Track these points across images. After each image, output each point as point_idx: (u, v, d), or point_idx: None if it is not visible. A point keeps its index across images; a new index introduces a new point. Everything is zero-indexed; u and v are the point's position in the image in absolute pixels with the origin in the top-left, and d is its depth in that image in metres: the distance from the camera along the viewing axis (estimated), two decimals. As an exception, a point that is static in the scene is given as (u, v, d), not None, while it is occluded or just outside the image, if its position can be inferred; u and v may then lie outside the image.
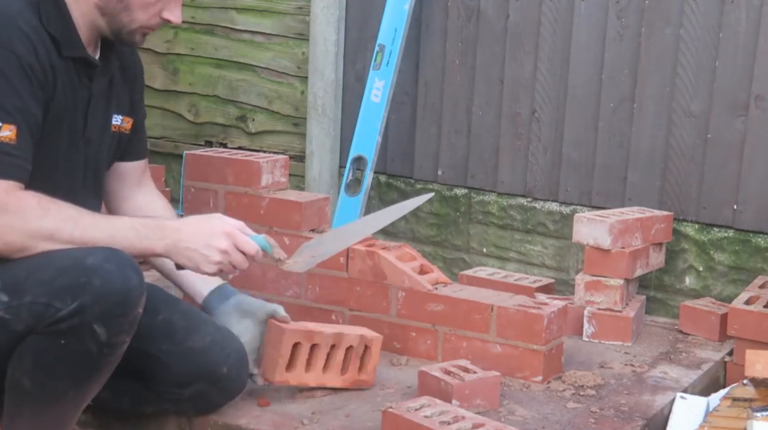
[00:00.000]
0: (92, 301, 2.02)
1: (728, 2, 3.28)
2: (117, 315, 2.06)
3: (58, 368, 2.08)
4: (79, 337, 2.04)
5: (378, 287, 2.86)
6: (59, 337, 2.04)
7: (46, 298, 2.03)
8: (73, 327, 2.03)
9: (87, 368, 2.11)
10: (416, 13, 3.79)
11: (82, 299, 2.02)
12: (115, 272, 2.04)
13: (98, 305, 2.02)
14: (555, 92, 3.61)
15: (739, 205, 3.33)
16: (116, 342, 2.09)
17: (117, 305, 2.05)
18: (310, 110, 4.05)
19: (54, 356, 2.06)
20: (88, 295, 2.02)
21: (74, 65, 2.24)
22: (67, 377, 2.10)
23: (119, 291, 2.04)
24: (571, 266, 3.63)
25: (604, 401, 2.61)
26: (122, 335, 2.09)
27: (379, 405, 2.43)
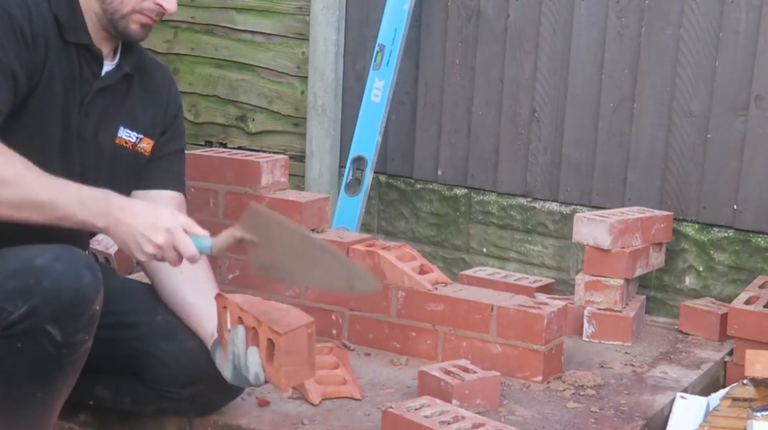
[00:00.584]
0: (42, 302, 1.97)
1: (728, 2, 3.28)
2: (70, 314, 2.01)
3: (18, 373, 2.04)
4: (34, 339, 2.00)
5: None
6: (15, 341, 1.99)
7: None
8: (27, 330, 1.98)
9: (48, 370, 2.06)
10: (416, 13, 3.79)
11: (32, 301, 1.97)
12: (64, 271, 1.99)
13: (49, 306, 1.98)
14: (555, 92, 3.61)
15: (739, 205, 3.33)
16: (73, 341, 2.04)
17: (69, 304, 2.00)
18: (310, 110, 4.05)
19: (12, 361, 2.02)
20: (38, 296, 1.97)
21: (77, 55, 2.22)
22: (30, 381, 2.06)
23: (70, 290, 1.99)
24: (571, 266, 3.63)
25: (604, 401, 2.61)
26: (79, 334, 2.04)
27: (379, 405, 2.43)
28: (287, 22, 4.15)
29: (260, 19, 4.21)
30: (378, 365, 2.81)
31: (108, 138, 2.33)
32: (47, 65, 2.16)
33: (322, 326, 2.95)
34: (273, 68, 4.20)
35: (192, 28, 4.38)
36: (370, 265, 2.86)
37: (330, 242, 2.92)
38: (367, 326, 2.89)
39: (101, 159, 2.33)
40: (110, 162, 2.35)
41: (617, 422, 2.48)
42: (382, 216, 3.99)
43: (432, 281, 2.85)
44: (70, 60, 2.21)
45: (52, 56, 2.17)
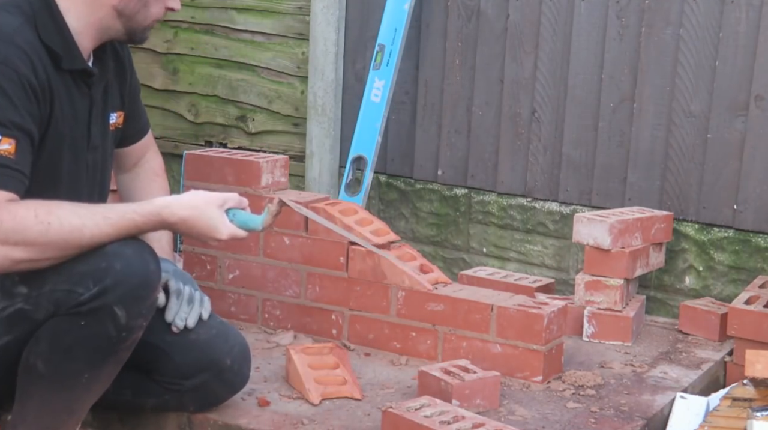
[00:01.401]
0: (114, 284, 2.06)
1: (728, 2, 3.28)
2: (137, 298, 2.10)
3: (75, 350, 2.11)
4: (100, 319, 2.08)
5: (378, 287, 2.86)
6: (79, 318, 2.08)
7: (68, 285, 2.07)
8: (95, 309, 2.07)
9: (103, 351, 2.14)
10: (416, 13, 3.79)
11: (104, 282, 2.06)
12: (134, 257, 2.10)
13: (120, 288, 2.07)
14: (555, 92, 3.61)
15: (739, 206, 3.33)
16: (134, 325, 2.13)
17: (137, 287, 2.10)
18: (310, 110, 4.05)
19: (72, 337, 2.10)
20: (110, 278, 2.06)
21: (72, 77, 2.24)
22: (83, 359, 2.13)
23: (139, 274, 2.10)
24: (571, 266, 3.63)
25: (604, 401, 2.61)
26: (140, 319, 2.14)
27: (379, 405, 2.43)
28: (287, 22, 4.15)
29: (260, 19, 4.21)
30: (378, 365, 2.81)
31: (107, 132, 2.40)
32: (53, 104, 2.19)
33: (322, 326, 2.95)
34: (273, 68, 4.20)
35: (192, 28, 4.38)
36: (370, 265, 2.86)
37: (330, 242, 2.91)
38: (367, 326, 2.89)
39: (104, 154, 2.41)
40: (109, 150, 2.44)
41: (617, 422, 2.48)
42: (382, 216, 3.98)
43: (432, 281, 2.85)
44: (67, 85, 2.23)
45: (56, 95, 2.19)
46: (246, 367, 2.47)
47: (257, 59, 4.23)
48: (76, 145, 2.28)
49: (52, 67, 2.18)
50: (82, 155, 2.30)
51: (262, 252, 3.02)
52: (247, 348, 2.47)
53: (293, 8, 4.12)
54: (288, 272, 3.00)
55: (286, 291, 3.01)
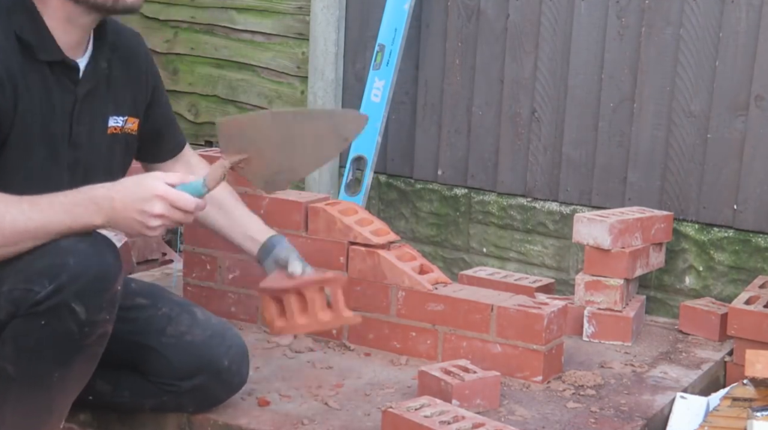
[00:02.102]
0: (69, 279, 2.03)
1: (728, 2, 3.28)
2: (95, 292, 2.06)
3: (40, 350, 2.08)
4: (59, 316, 2.05)
5: (378, 287, 2.86)
6: (39, 318, 2.05)
7: (24, 283, 2.04)
8: (52, 307, 2.03)
9: (69, 349, 2.10)
10: (416, 13, 3.79)
11: (59, 279, 2.03)
12: (89, 251, 2.06)
13: (75, 283, 2.03)
14: (555, 92, 3.61)
15: (739, 206, 3.33)
16: (96, 320, 2.08)
17: (94, 281, 2.05)
18: (310, 110, 4.05)
19: (35, 338, 2.07)
20: (65, 274, 2.03)
21: (51, 70, 2.19)
22: (50, 359, 2.10)
23: (95, 268, 2.05)
24: (571, 266, 3.63)
25: (604, 401, 2.61)
26: (102, 313, 2.09)
27: (379, 405, 2.43)
28: (287, 22, 4.15)
29: (260, 19, 4.21)
30: (378, 365, 2.81)
31: (102, 133, 2.33)
32: (18, 102, 2.14)
33: (322, 326, 2.95)
34: (273, 68, 4.20)
35: (192, 28, 4.38)
36: (370, 265, 2.86)
37: (330, 241, 2.91)
38: (367, 326, 2.88)
39: (98, 157, 2.33)
40: (107, 154, 2.36)
41: (617, 422, 2.48)
42: (382, 216, 3.98)
43: (432, 281, 2.85)
44: (43, 78, 2.19)
45: (21, 87, 2.15)
46: (244, 367, 2.46)
47: (257, 59, 4.23)
48: (53, 141, 2.22)
49: (25, 60, 2.15)
50: (62, 152, 2.24)
51: (262, 252, 3.02)
52: (244, 348, 2.46)
53: (293, 8, 4.12)
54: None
55: (286, 291, 3.00)
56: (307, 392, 2.58)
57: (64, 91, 2.23)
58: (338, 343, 2.92)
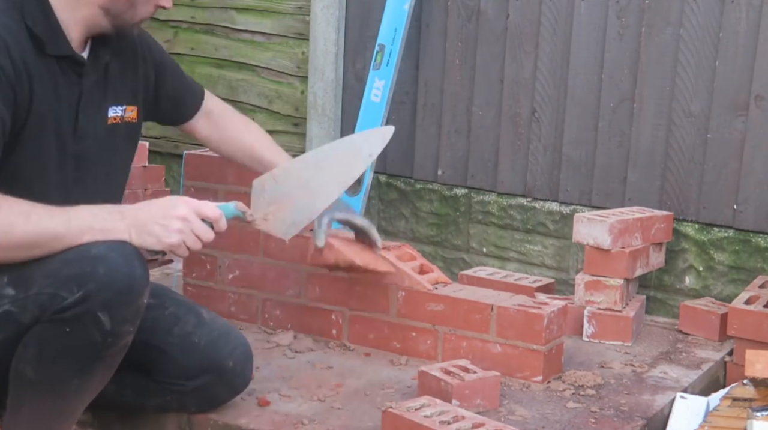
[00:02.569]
0: (97, 289, 2.03)
1: (728, 2, 3.28)
2: (121, 304, 2.06)
3: (62, 357, 2.09)
4: (84, 325, 2.05)
5: (378, 287, 2.86)
6: (64, 325, 2.05)
7: (52, 288, 2.05)
8: (78, 315, 2.04)
9: (91, 357, 2.11)
10: (416, 13, 3.80)
11: (87, 287, 2.03)
12: (119, 261, 2.05)
13: (103, 293, 2.03)
14: (555, 92, 3.61)
15: (739, 205, 3.33)
16: (120, 331, 2.09)
17: (121, 293, 2.06)
18: (310, 110, 4.05)
19: (59, 344, 2.08)
20: (93, 283, 2.03)
21: (59, 64, 2.21)
22: (71, 366, 2.11)
23: (124, 280, 2.05)
24: (571, 266, 3.63)
25: (604, 401, 2.61)
26: (126, 325, 2.10)
27: (379, 405, 2.43)
28: (287, 22, 4.16)
29: (260, 19, 4.21)
30: (378, 365, 2.81)
31: (102, 124, 2.36)
32: (33, 93, 2.16)
33: (322, 326, 2.96)
34: (273, 68, 4.20)
35: (192, 28, 4.38)
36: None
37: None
38: (367, 326, 2.89)
39: (101, 147, 2.36)
40: (109, 144, 2.38)
41: (617, 422, 2.48)
42: (382, 216, 3.99)
43: (432, 281, 2.85)
44: (51, 72, 2.21)
45: (35, 80, 2.16)
46: (248, 368, 2.47)
47: (257, 59, 4.23)
48: (61, 135, 2.24)
49: (35, 53, 2.16)
50: (68, 145, 2.26)
51: (262, 252, 3.02)
52: (249, 349, 2.47)
53: (293, 8, 4.13)
54: (288, 272, 2.99)
55: (286, 291, 3.01)
56: (307, 392, 2.58)
57: (70, 84, 2.25)
58: (338, 343, 2.92)
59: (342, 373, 2.73)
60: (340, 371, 2.74)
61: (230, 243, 3.05)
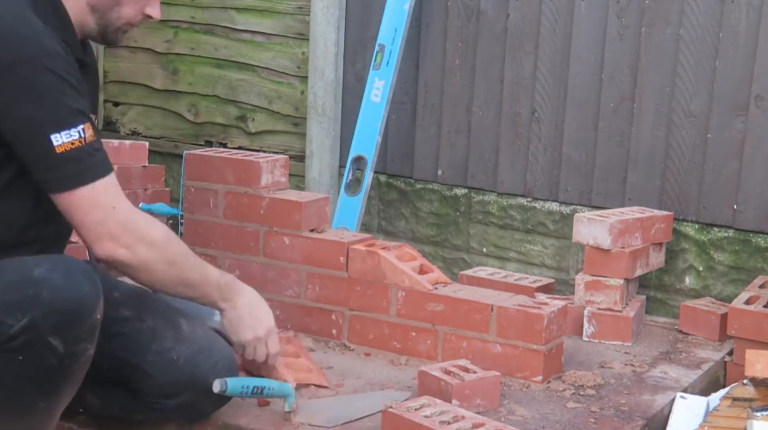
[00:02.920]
0: (42, 314, 1.95)
1: (728, 2, 3.28)
2: (71, 325, 1.99)
3: (21, 384, 2.01)
4: (36, 352, 1.97)
5: (378, 287, 2.86)
6: (15, 354, 1.97)
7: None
8: (27, 343, 1.96)
9: (52, 380, 2.04)
10: (416, 13, 3.79)
11: (31, 313, 1.95)
12: (63, 282, 1.97)
13: (49, 318, 1.95)
14: (555, 92, 3.61)
15: (739, 205, 3.33)
16: (76, 351, 2.02)
17: (69, 314, 1.98)
18: (310, 110, 4.05)
19: (14, 373, 1.99)
20: (37, 309, 1.95)
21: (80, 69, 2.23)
22: (33, 391, 2.04)
23: (70, 301, 1.97)
24: (571, 266, 3.63)
25: (604, 401, 2.61)
26: (81, 344, 2.03)
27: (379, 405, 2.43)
28: (287, 22, 4.15)
29: (260, 19, 4.21)
30: (378, 365, 2.81)
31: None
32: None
33: (322, 326, 2.95)
34: (273, 68, 4.20)
35: (192, 28, 4.38)
36: (370, 265, 2.86)
37: (330, 242, 2.92)
38: (367, 326, 2.89)
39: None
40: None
41: (617, 422, 2.48)
42: (382, 216, 3.99)
43: (432, 281, 2.85)
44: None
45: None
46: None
47: (257, 59, 4.23)
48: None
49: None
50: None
51: (262, 252, 3.02)
52: (232, 362, 2.36)
53: (293, 8, 4.13)
54: (288, 272, 2.99)
55: (286, 291, 3.01)
56: (307, 392, 2.58)
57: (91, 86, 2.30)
58: (338, 343, 2.92)
59: (342, 373, 2.73)
60: (340, 371, 2.74)
61: (230, 243, 3.05)
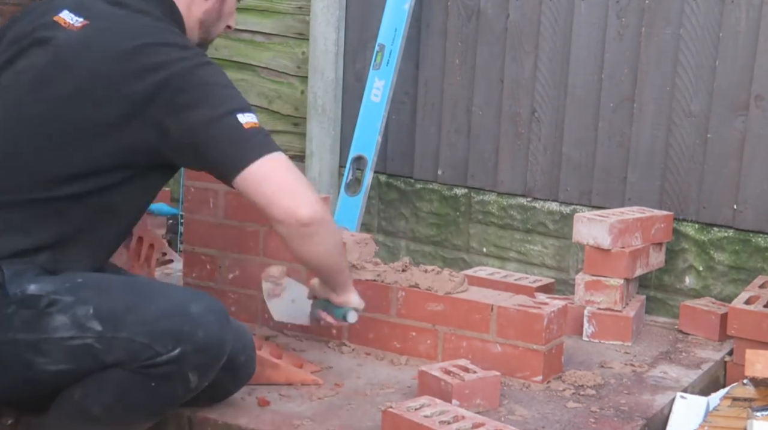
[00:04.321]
0: (194, 351, 2.06)
1: (728, 2, 3.28)
2: (212, 367, 2.13)
3: (139, 405, 2.12)
4: (172, 382, 2.09)
5: (378, 287, 2.86)
6: (151, 379, 2.07)
7: (147, 338, 2.05)
8: (170, 373, 2.07)
9: (166, 407, 2.17)
10: (416, 13, 3.79)
11: (184, 347, 2.05)
12: (216, 325, 2.10)
13: (198, 356, 2.08)
14: (555, 92, 3.61)
15: (739, 205, 3.33)
16: (201, 387, 2.16)
17: (214, 357, 2.12)
18: (310, 110, 4.05)
19: (140, 394, 2.10)
20: (191, 344, 2.06)
21: None
22: (145, 413, 2.15)
23: (219, 345, 2.11)
24: (571, 266, 3.63)
25: (604, 401, 2.61)
26: (207, 382, 2.16)
27: (379, 405, 2.43)
28: (287, 22, 4.15)
29: (260, 18, 4.21)
30: (378, 365, 2.81)
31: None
32: None
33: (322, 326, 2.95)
34: (273, 68, 4.20)
35: (192, 28, 4.37)
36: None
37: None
38: (367, 326, 2.89)
39: None
40: None
41: (617, 422, 2.48)
42: (382, 216, 3.99)
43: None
44: None
45: None
46: (254, 361, 2.49)
47: (257, 59, 4.23)
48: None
49: None
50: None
51: (262, 252, 3.02)
52: (253, 343, 2.50)
53: (293, 8, 4.12)
54: (288, 272, 2.99)
55: (286, 291, 3.01)
56: (307, 392, 2.58)
57: None
58: (338, 343, 2.92)
59: (342, 373, 2.73)
60: (340, 371, 2.74)
61: (230, 243, 3.05)
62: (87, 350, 2.07)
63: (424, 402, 2.31)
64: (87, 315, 2.07)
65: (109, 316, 2.07)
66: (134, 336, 2.05)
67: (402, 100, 3.89)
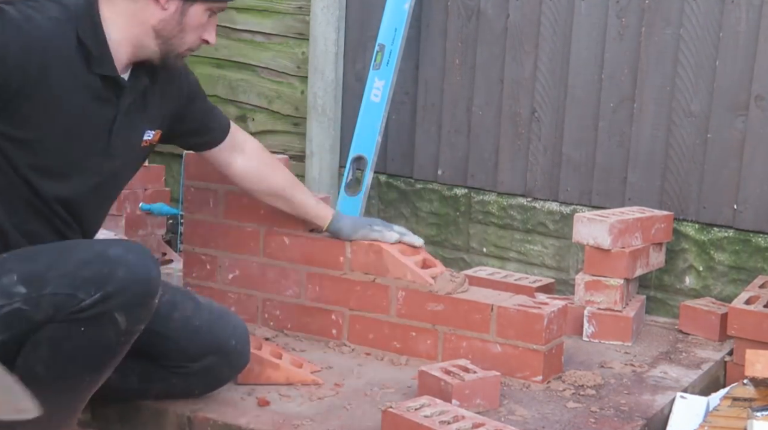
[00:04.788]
0: (116, 290, 2.08)
1: (728, 2, 3.28)
2: (138, 304, 2.13)
3: (75, 355, 2.13)
4: (100, 325, 2.11)
5: (378, 286, 2.86)
6: (80, 325, 2.10)
7: (70, 289, 2.08)
8: (95, 316, 2.09)
9: (104, 355, 2.17)
10: (416, 13, 3.79)
11: (106, 288, 2.08)
12: (137, 263, 2.12)
13: (121, 295, 2.09)
14: (555, 92, 3.61)
15: (739, 205, 3.33)
16: (134, 330, 2.16)
17: (139, 294, 2.12)
18: (310, 110, 4.05)
19: (73, 343, 2.12)
20: (112, 285, 2.08)
21: (102, 82, 2.27)
22: (84, 364, 2.16)
23: (142, 281, 2.12)
24: (571, 266, 3.63)
25: (604, 401, 2.61)
26: (140, 324, 2.17)
27: (379, 405, 2.43)
28: (287, 22, 4.15)
29: (260, 18, 4.21)
30: (378, 365, 2.81)
31: (136, 146, 2.44)
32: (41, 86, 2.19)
33: (322, 326, 2.95)
34: (273, 68, 4.20)
35: (192, 28, 4.37)
36: (372, 259, 2.86)
37: (330, 241, 2.92)
38: (367, 326, 2.89)
39: (128, 167, 2.47)
40: (135, 165, 2.51)
41: (617, 422, 2.48)
42: (382, 216, 3.98)
43: (434, 275, 2.84)
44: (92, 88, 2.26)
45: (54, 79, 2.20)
46: (247, 347, 2.52)
47: (257, 59, 4.23)
48: (92, 149, 2.31)
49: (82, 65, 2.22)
50: (96, 160, 2.33)
51: (262, 252, 3.02)
52: (246, 329, 2.53)
53: (293, 8, 4.12)
54: (288, 272, 2.99)
55: (286, 291, 3.01)
56: (307, 392, 2.59)
57: (106, 103, 2.31)
58: (338, 343, 2.92)
59: (342, 373, 2.73)
60: (340, 371, 2.74)
61: (230, 243, 3.05)
62: (17, 314, 2.10)
63: (424, 402, 2.32)
64: (11, 282, 2.11)
65: (32, 277, 2.10)
66: (57, 289, 2.09)
67: (402, 100, 3.89)
